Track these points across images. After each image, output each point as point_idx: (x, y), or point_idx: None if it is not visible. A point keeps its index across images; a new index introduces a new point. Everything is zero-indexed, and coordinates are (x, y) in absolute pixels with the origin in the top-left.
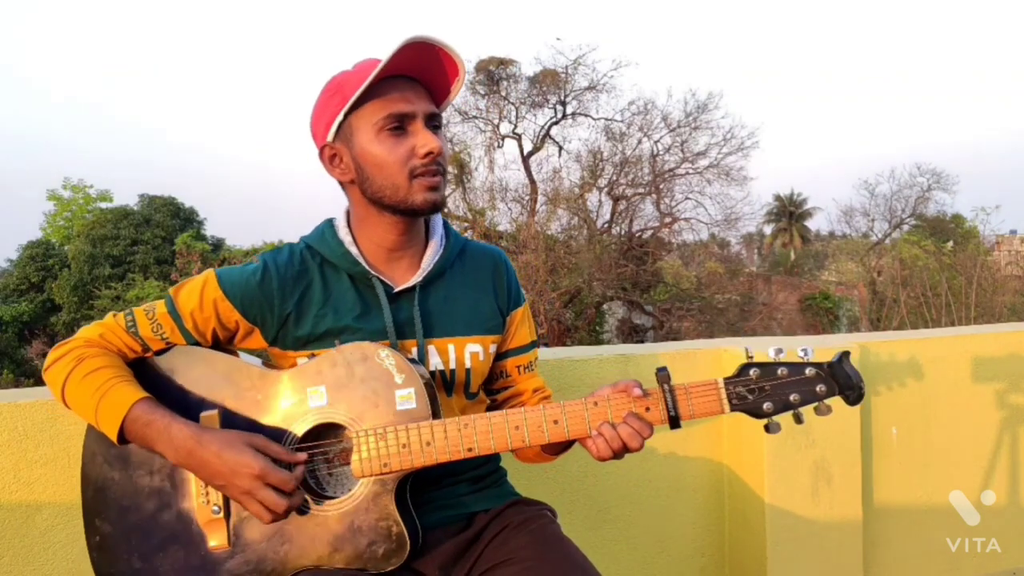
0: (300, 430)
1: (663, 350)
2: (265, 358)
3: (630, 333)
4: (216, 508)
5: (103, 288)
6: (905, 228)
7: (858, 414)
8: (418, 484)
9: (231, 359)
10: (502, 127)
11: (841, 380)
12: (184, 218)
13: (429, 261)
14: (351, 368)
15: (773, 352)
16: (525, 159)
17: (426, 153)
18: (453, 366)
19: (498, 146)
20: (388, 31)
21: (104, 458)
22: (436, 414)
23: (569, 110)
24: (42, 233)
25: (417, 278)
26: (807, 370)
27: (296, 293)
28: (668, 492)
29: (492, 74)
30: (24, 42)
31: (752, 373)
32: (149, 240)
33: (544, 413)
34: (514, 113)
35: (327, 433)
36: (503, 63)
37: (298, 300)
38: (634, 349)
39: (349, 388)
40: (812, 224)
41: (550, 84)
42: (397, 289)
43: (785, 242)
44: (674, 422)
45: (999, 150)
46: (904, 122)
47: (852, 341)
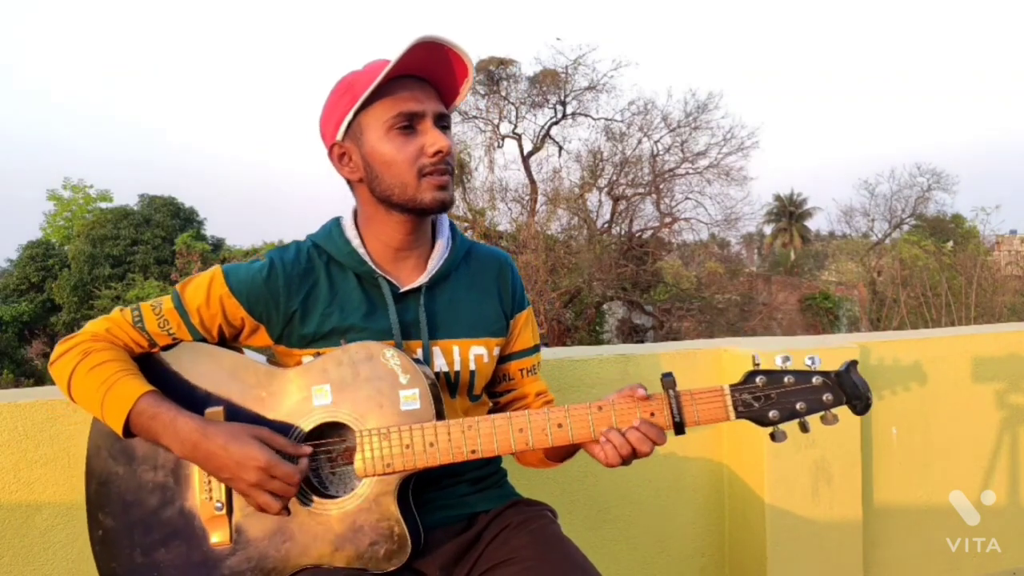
0: (304, 428)
1: (663, 350)
2: (270, 356)
3: (630, 333)
4: (219, 504)
5: (103, 288)
6: (905, 228)
7: None
8: (419, 484)
9: (237, 356)
10: (502, 127)
11: (848, 389)
12: (184, 218)
13: (436, 262)
14: (356, 367)
15: (780, 360)
16: (525, 159)
17: (435, 152)
18: (457, 368)
19: (498, 146)
20: (388, 31)
21: (109, 452)
22: (440, 415)
23: (569, 110)
24: (42, 233)
25: (423, 279)
26: (814, 379)
27: (302, 291)
28: (668, 492)
29: (492, 74)
30: (24, 42)
31: (758, 380)
32: (149, 240)
33: (548, 416)
34: (514, 113)
35: (331, 432)
36: (503, 63)
37: (304, 298)
38: (634, 349)
39: (354, 387)
40: (812, 224)
41: (550, 84)
42: (403, 289)
43: (785, 242)
44: (679, 428)
45: (999, 150)
46: (904, 122)
47: (852, 341)
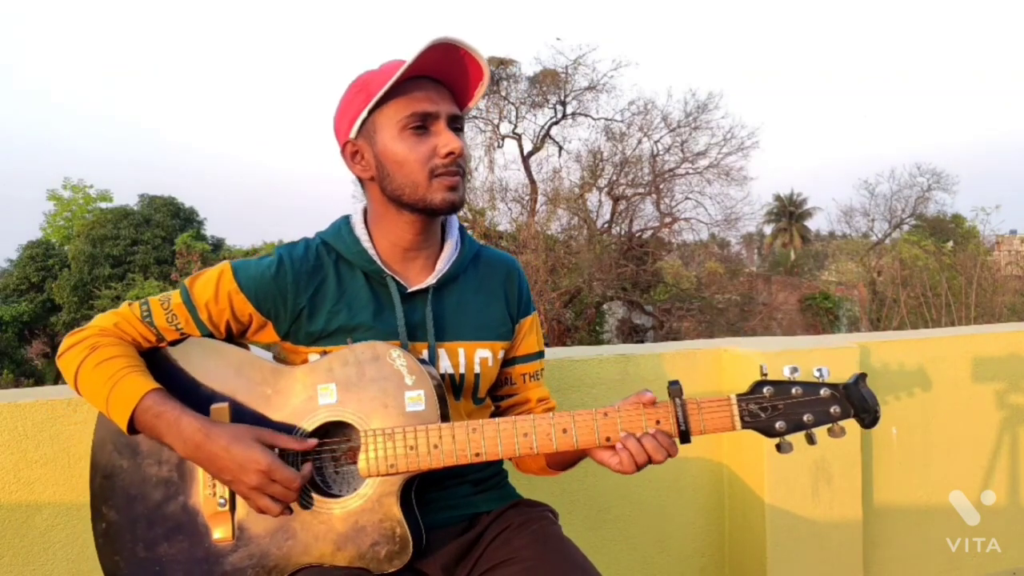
0: (309, 427)
1: (663, 350)
2: (276, 352)
3: (630, 333)
4: (222, 501)
5: (103, 288)
6: (905, 228)
7: None
8: (421, 485)
9: (244, 353)
10: (502, 127)
11: (856, 402)
12: (184, 218)
13: (444, 263)
14: (362, 367)
15: (788, 370)
16: (525, 159)
17: (447, 153)
18: (463, 370)
19: (498, 146)
20: (388, 31)
21: (114, 446)
22: (445, 417)
23: (569, 110)
24: (42, 233)
25: (431, 279)
26: (822, 391)
27: (310, 288)
28: (668, 492)
29: (492, 74)
30: (24, 42)
31: (766, 391)
32: (149, 240)
33: (553, 421)
34: (514, 113)
35: (335, 431)
36: (503, 63)
37: (312, 295)
38: (634, 349)
39: (359, 387)
40: (812, 224)
41: (550, 84)
42: (410, 290)
43: (785, 242)
44: (684, 436)
45: (999, 150)
46: (904, 122)
47: (852, 341)
